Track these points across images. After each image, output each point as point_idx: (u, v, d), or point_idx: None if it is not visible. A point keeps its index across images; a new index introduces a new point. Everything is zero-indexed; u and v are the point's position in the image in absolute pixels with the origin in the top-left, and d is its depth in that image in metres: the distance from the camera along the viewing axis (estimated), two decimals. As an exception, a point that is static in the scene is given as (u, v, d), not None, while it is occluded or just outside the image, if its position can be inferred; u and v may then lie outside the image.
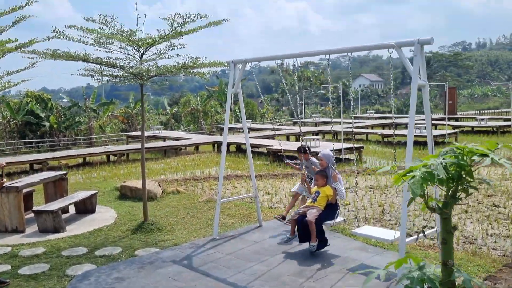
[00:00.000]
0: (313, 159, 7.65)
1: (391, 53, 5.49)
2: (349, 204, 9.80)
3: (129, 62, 7.75)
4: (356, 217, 8.66)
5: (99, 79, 7.71)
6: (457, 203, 2.19)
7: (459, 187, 2.22)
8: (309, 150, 7.78)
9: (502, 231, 7.72)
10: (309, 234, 6.53)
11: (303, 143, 7.79)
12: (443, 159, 2.19)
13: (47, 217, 8.00)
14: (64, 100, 39.31)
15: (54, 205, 8.34)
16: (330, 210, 6.69)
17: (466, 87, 67.53)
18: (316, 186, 6.88)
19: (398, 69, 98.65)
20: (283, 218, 7.48)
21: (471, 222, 8.21)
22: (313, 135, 22.47)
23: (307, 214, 6.57)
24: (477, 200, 9.63)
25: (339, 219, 6.70)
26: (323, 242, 6.67)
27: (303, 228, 6.59)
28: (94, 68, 7.58)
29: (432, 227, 6.21)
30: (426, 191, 2.18)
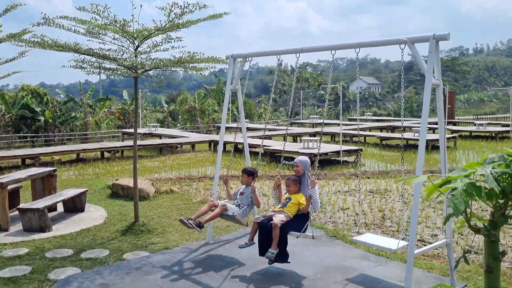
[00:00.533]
0: (256, 190, 6.49)
1: (403, 49, 5.06)
2: (348, 208, 9.37)
3: (123, 54, 7.29)
4: (356, 223, 8.24)
5: (90, 71, 7.24)
6: (508, 223, 1.75)
7: (510, 203, 1.77)
8: (256, 176, 6.63)
9: (508, 241, 7.30)
10: (271, 243, 5.66)
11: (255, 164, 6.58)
12: (492, 168, 1.74)
13: (33, 216, 7.52)
14: (61, 96, 38.68)
15: (41, 203, 7.86)
16: (300, 220, 5.83)
17: (462, 92, 67.30)
18: (288, 193, 6.08)
19: (396, 72, 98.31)
20: (197, 222, 6.11)
21: (476, 231, 7.80)
22: (310, 136, 22.06)
23: (273, 218, 5.69)
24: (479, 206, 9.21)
25: (308, 232, 5.69)
26: (284, 255, 5.76)
27: (266, 234, 5.69)
28: (84, 59, 7.11)
29: (470, 250, 5.71)
30: (470, 207, 1.73)
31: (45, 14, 6.90)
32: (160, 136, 23.56)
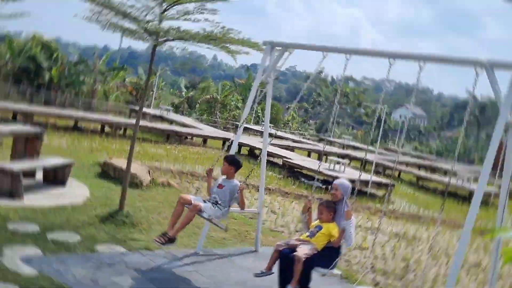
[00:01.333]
0: (235, 181, 6.26)
1: (478, 73, 4.63)
2: (367, 248, 8.89)
3: (146, 15, 7.00)
4: (373, 267, 7.78)
5: (106, 25, 6.95)
6: None
7: None
8: (238, 168, 6.49)
9: None
10: (292, 276, 5.27)
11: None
12: None
13: (4, 178, 7.25)
14: (74, 56, 38.93)
15: (17, 165, 7.59)
16: (329, 254, 5.44)
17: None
18: (318, 220, 5.71)
19: (447, 107, 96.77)
20: (166, 237, 5.68)
21: None
22: (338, 157, 21.56)
23: (297, 249, 5.33)
24: None
25: (336, 271, 5.39)
26: None
27: (287, 265, 5.31)
28: (102, 11, 6.83)
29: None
30: None
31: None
32: (171, 121, 23.38)
